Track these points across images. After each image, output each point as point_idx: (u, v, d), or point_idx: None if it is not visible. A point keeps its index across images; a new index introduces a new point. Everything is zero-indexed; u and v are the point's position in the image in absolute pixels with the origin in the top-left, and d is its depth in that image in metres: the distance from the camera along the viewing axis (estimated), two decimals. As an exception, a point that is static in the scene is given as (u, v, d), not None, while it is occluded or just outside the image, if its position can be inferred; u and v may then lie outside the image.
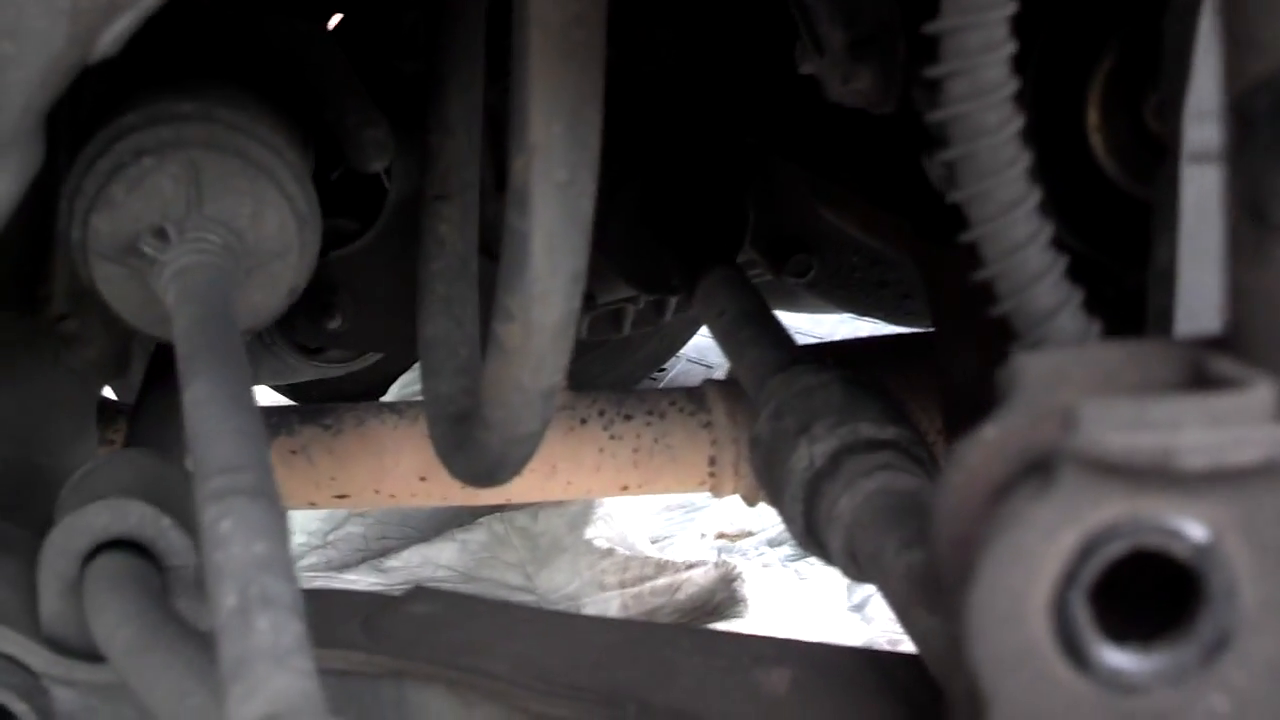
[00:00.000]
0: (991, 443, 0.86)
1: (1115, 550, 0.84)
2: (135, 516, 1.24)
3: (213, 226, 1.38)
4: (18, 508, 1.41)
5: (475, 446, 1.42)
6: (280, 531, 0.89)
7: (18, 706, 1.21)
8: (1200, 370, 0.85)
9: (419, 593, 1.40)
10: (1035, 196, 0.95)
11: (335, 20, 1.99)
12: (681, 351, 4.21)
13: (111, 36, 1.02)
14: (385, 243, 2.12)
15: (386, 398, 3.19)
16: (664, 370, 4.41)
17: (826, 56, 1.42)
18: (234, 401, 1.03)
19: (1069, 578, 0.84)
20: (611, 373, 3.78)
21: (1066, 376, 0.86)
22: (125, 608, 1.15)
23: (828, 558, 1.41)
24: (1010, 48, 0.92)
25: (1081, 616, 0.85)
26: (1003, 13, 0.92)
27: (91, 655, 1.20)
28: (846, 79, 1.39)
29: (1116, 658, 0.86)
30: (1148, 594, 0.87)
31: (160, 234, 1.37)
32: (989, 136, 0.93)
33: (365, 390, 3.19)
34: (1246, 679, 0.87)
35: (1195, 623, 0.85)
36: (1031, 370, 0.86)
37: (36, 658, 1.24)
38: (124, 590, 1.17)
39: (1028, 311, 0.96)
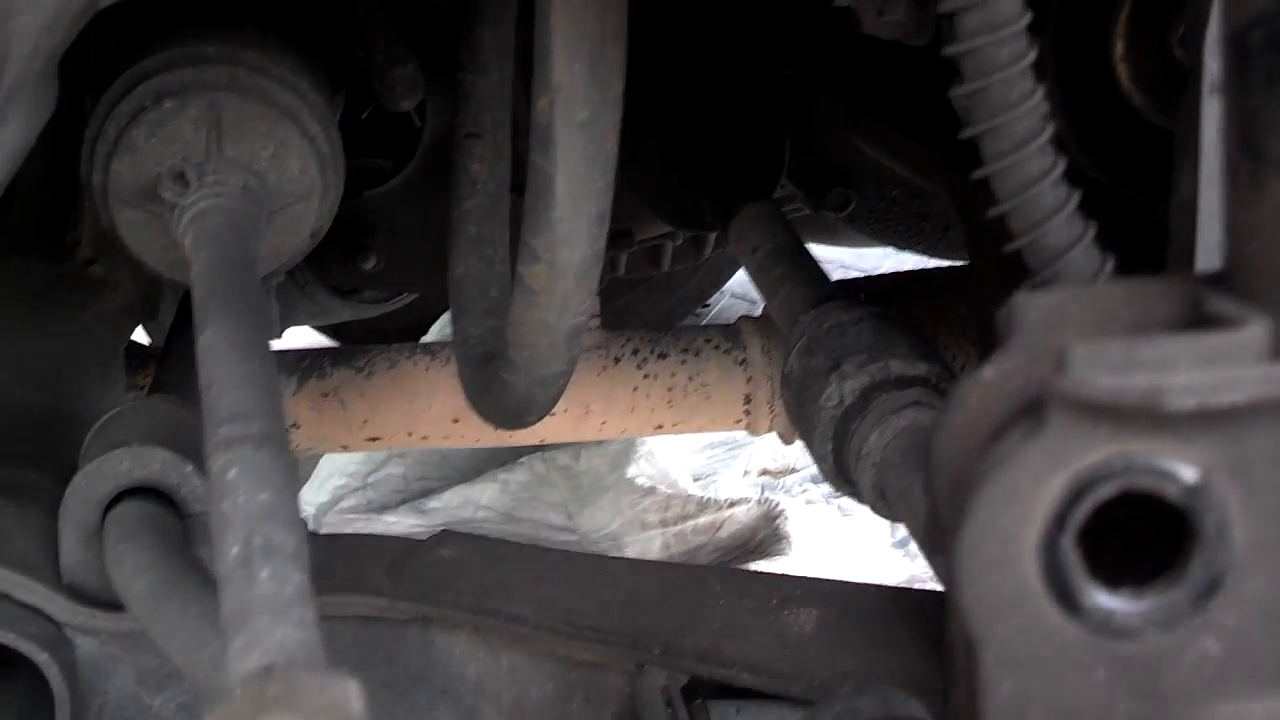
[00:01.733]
0: (989, 383, 0.85)
1: (1105, 492, 0.83)
2: (157, 463, 1.24)
3: (233, 169, 1.38)
4: (46, 454, 1.41)
5: (502, 388, 1.41)
6: (287, 480, 0.88)
7: (40, 657, 1.21)
8: (1199, 308, 0.84)
9: (445, 537, 1.40)
10: (1049, 132, 0.94)
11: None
12: (726, 287, 4.20)
13: None
14: (420, 182, 2.11)
15: (426, 339, 3.18)
16: (708, 306, 4.40)
17: (863, -12, 1.40)
18: (247, 347, 1.02)
19: (1059, 520, 0.83)
20: (655, 309, 3.77)
21: (1065, 316, 0.84)
22: (144, 556, 1.14)
23: (858, 495, 1.40)
24: None
25: (1072, 559, 0.84)
26: None
27: (113, 604, 1.20)
28: (881, 10, 1.36)
29: (1107, 601, 0.85)
30: (1145, 537, 0.85)
31: (180, 178, 1.36)
32: (1001, 71, 0.91)
33: (407, 328, 3.18)
34: (1238, 621, 0.86)
35: (1187, 565, 0.84)
36: (1030, 310, 0.85)
37: (58, 607, 1.24)
38: (143, 538, 1.16)
39: (1042, 247, 0.95)
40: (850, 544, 3.22)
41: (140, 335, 1.96)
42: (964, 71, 0.94)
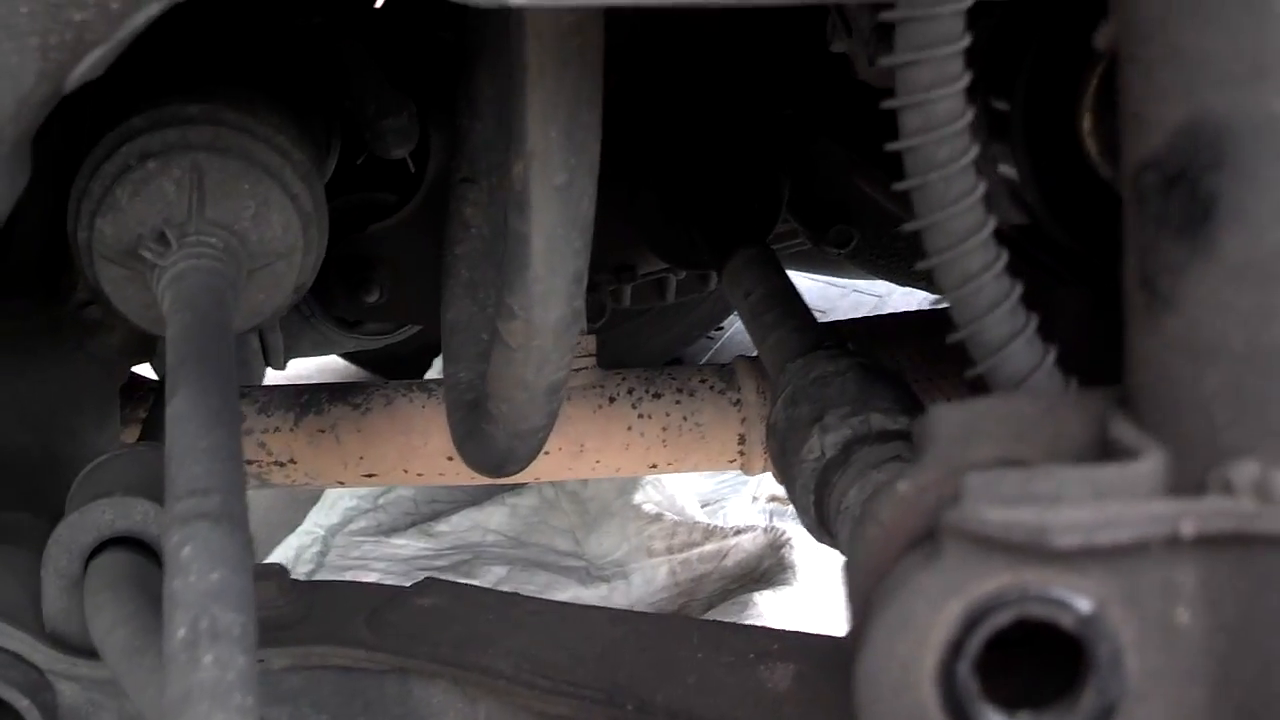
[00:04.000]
0: (902, 498, 0.86)
1: (1001, 620, 0.84)
2: (139, 514, 1.25)
3: (213, 230, 1.39)
4: (38, 496, 1.42)
5: (484, 438, 1.43)
6: (241, 558, 0.89)
7: (21, 703, 1.22)
8: (1105, 431, 0.85)
9: (426, 585, 1.41)
10: (989, 227, 0.94)
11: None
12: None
13: (85, 69, 1.02)
14: (423, 216, 2.12)
15: (429, 374, 3.19)
16: (721, 329, 4.40)
17: (855, 36, 1.41)
18: (213, 417, 1.03)
19: (955, 647, 0.84)
20: (665, 335, 3.78)
21: (979, 431, 0.86)
22: (122, 608, 1.15)
23: (839, 548, 1.41)
24: (963, 82, 0.92)
25: (970, 685, 0.84)
26: (955, 47, 0.92)
27: (95, 651, 1.21)
28: (873, 60, 1.37)
29: None
30: (1050, 662, 0.86)
31: (161, 238, 1.37)
32: (942, 169, 0.92)
33: (420, 350, 3.20)
34: (1133, 749, 0.86)
35: (1081, 692, 0.85)
36: (944, 424, 0.86)
37: (40, 654, 1.25)
38: (122, 590, 1.18)
39: (982, 340, 0.95)
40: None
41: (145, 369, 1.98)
42: (905, 167, 0.94)
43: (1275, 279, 0.80)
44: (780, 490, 3.59)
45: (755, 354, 2.04)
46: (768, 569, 3.13)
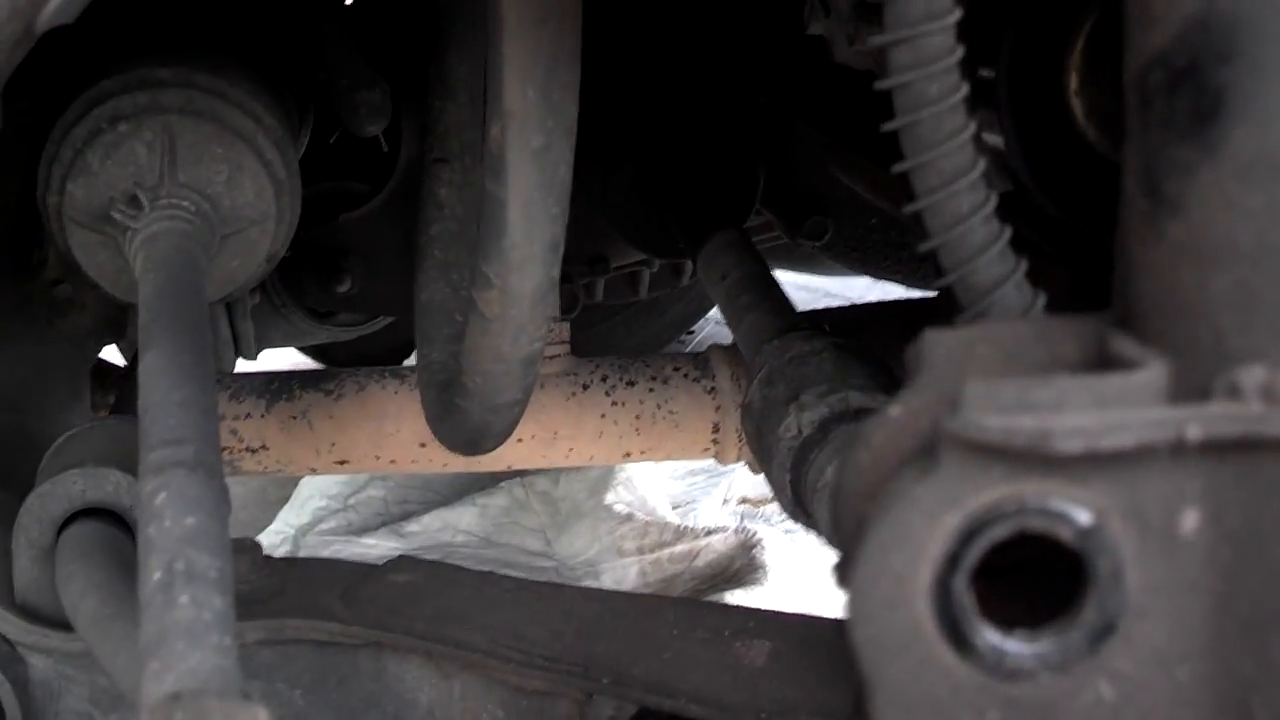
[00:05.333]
0: (895, 421, 0.85)
1: (999, 533, 0.83)
2: (110, 485, 1.24)
3: (186, 193, 1.38)
4: (11, 473, 1.41)
5: (459, 414, 1.41)
6: (216, 505, 0.88)
7: (-7, 676, 1.21)
8: (1104, 348, 0.84)
9: (400, 562, 1.40)
10: (979, 168, 0.93)
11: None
12: (710, 314, 4.19)
13: (55, 8, 1.00)
14: (395, 205, 2.11)
15: (410, 362, 3.18)
16: (692, 333, 4.39)
17: (833, 17, 1.40)
18: (186, 372, 1.02)
19: (952, 560, 0.82)
20: (638, 336, 3.76)
21: (972, 354, 0.85)
22: (93, 576, 1.14)
23: (815, 527, 1.40)
24: (954, 16, 0.90)
25: (965, 600, 0.83)
26: None
27: (66, 623, 1.20)
28: (852, 40, 1.36)
29: (1001, 642, 0.85)
30: (1049, 577, 0.85)
31: (132, 200, 1.36)
32: (931, 107, 0.91)
33: (391, 351, 3.19)
34: (1132, 666, 0.85)
35: (1081, 607, 0.84)
36: (938, 347, 0.85)
37: (11, 626, 1.24)
38: (94, 559, 1.17)
39: (971, 285, 0.94)
40: (828, 575, 3.20)
41: (111, 354, 1.96)
42: (895, 106, 0.93)
43: (1286, 174, 0.79)
44: (751, 491, 3.60)
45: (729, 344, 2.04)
46: (739, 569, 3.12)
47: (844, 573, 0.87)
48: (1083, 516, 0.82)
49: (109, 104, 1.40)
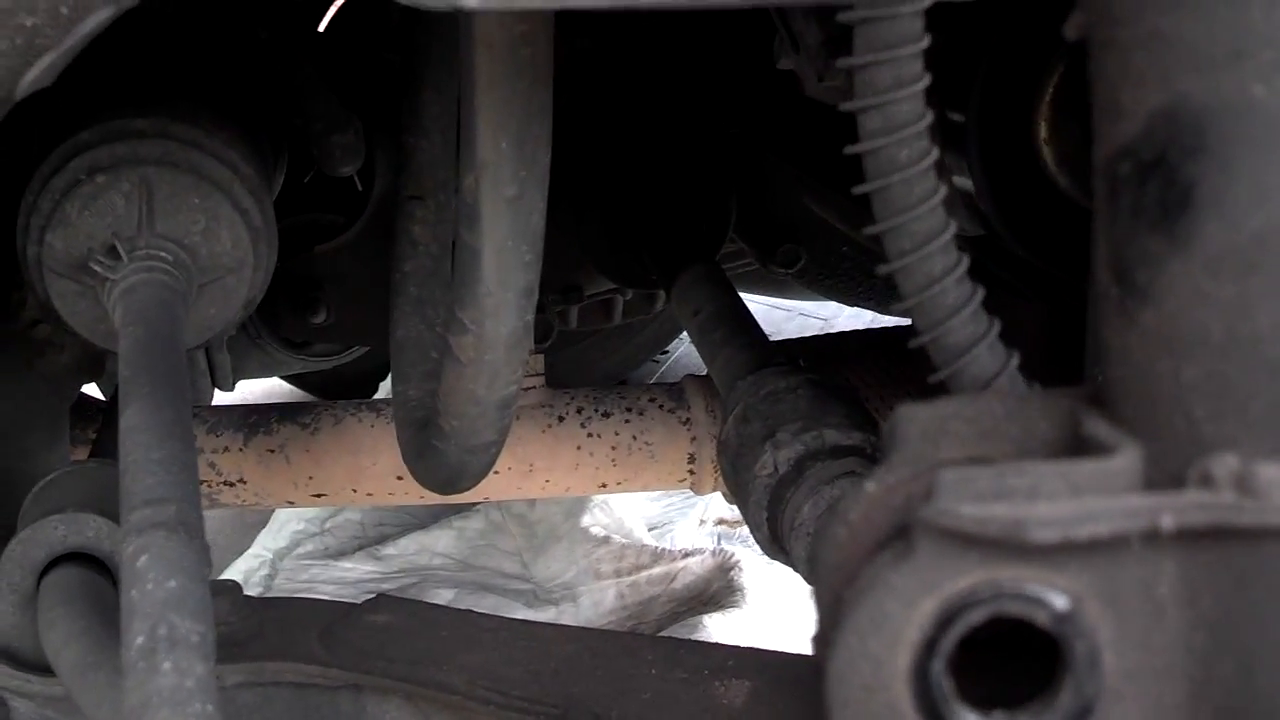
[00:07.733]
0: (871, 497, 0.85)
1: (975, 617, 0.83)
2: (91, 530, 1.25)
3: (164, 244, 1.38)
4: (-12, 514, 1.42)
5: (435, 455, 1.42)
6: (198, 567, 0.89)
7: (-27, 722, 1.22)
8: (1077, 429, 0.84)
9: (379, 601, 1.41)
10: (951, 230, 0.94)
11: (331, 10, 1.99)
12: (684, 334, 4.20)
13: (36, 75, 1.02)
14: (370, 238, 2.11)
15: (379, 395, 3.19)
16: (666, 353, 4.40)
17: (802, 53, 1.41)
18: (166, 429, 1.02)
19: (929, 645, 0.82)
20: (612, 358, 3.77)
21: (946, 430, 0.85)
22: (74, 623, 1.15)
23: (792, 565, 1.41)
24: (923, 83, 0.91)
25: (943, 684, 0.83)
26: (915, 48, 0.91)
27: (48, 667, 1.20)
28: (822, 76, 1.37)
29: None
30: (1025, 647, 0.86)
31: (111, 251, 1.37)
32: (902, 172, 0.92)
33: (366, 375, 3.20)
34: (1110, 750, 0.86)
35: (1058, 691, 0.84)
36: (912, 424, 0.85)
37: (-7, 671, 1.25)
38: (74, 605, 1.18)
39: (945, 346, 0.95)
40: (805, 597, 3.20)
41: (92, 389, 1.97)
42: (866, 171, 0.94)
43: (1255, 268, 0.79)
44: (728, 513, 3.61)
45: (704, 374, 2.05)
46: (716, 591, 3.13)
47: (822, 648, 0.87)
48: (1059, 601, 0.82)
49: (87, 155, 1.40)
